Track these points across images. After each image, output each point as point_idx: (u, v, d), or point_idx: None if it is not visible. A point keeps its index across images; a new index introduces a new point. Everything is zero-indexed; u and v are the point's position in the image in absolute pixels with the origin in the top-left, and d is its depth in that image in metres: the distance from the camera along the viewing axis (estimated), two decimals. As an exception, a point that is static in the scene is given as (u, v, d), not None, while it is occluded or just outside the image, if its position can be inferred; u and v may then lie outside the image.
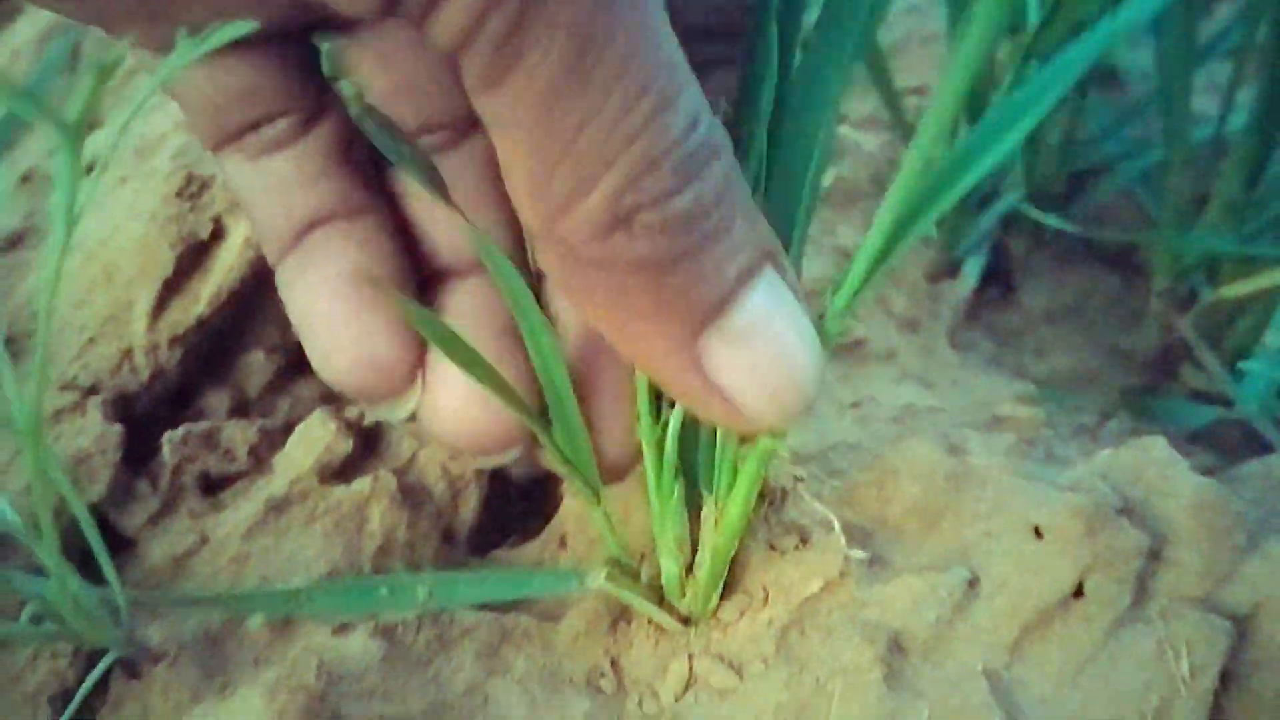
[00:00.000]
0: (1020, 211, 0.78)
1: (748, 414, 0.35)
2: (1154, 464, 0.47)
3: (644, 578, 0.44)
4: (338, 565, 0.45)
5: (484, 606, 0.44)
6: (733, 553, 0.42)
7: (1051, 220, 0.74)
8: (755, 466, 0.39)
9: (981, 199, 0.79)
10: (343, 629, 0.43)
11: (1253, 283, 0.68)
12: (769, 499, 0.46)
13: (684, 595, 0.43)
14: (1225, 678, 0.44)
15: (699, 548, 0.43)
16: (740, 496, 0.40)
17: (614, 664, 0.44)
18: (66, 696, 0.41)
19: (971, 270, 0.77)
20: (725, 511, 0.41)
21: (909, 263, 0.58)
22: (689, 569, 0.44)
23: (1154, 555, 0.45)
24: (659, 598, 0.44)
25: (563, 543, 0.48)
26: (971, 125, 0.37)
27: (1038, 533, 0.44)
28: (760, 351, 0.34)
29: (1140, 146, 0.80)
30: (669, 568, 0.42)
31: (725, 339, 0.34)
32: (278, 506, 0.46)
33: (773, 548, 0.45)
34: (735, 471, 0.40)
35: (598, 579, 0.42)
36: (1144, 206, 0.80)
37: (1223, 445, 0.69)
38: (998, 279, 0.80)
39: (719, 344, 0.34)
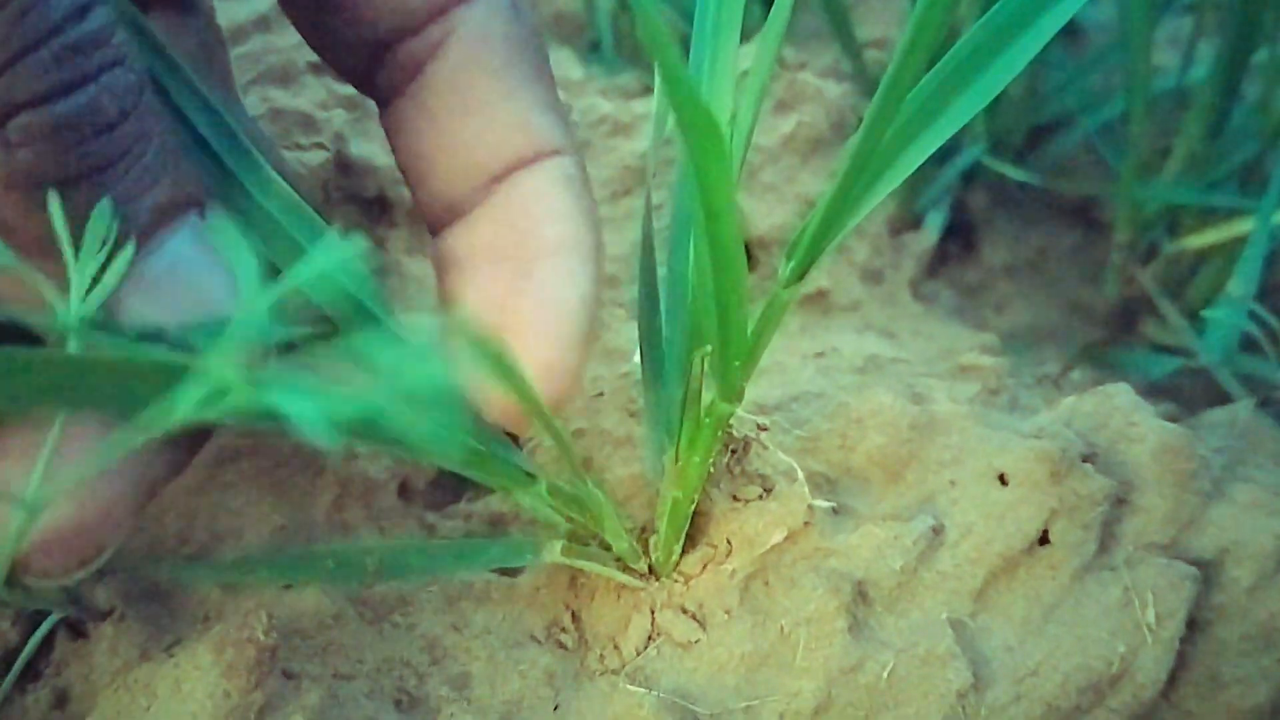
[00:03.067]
0: (981, 165, 0.78)
1: None
2: (1118, 410, 0.47)
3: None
4: (291, 518, 0.44)
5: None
6: (692, 507, 0.42)
7: (1012, 172, 0.74)
8: (714, 420, 0.38)
9: (942, 152, 0.79)
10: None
11: (1213, 233, 0.68)
12: (732, 449, 0.45)
13: (639, 556, 0.42)
14: (1191, 624, 0.44)
15: (660, 501, 0.42)
16: (700, 450, 0.39)
17: (575, 618, 0.44)
18: (9, 658, 0.39)
19: (933, 224, 0.76)
20: (684, 466, 0.40)
21: (871, 214, 0.57)
22: (650, 524, 0.43)
23: (1119, 501, 0.45)
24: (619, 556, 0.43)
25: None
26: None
27: (1002, 480, 0.44)
28: (184, 298, 0.31)
29: (1102, 98, 0.79)
30: (616, 539, 0.41)
31: (142, 285, 0.30)
32: (229, 458, 0.44)
33: (736, 498, 0.44)
34: (696, 425, 0.39)
35: (553, 552, 0.41)
36: (1105, 159, 0.80)
37: (1183, 397, 0.69)
38: (959, 233, 0.79)
39: (134, 290, 0.30)
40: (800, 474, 0.44)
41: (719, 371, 0.36)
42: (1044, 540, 0.43)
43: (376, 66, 0.38)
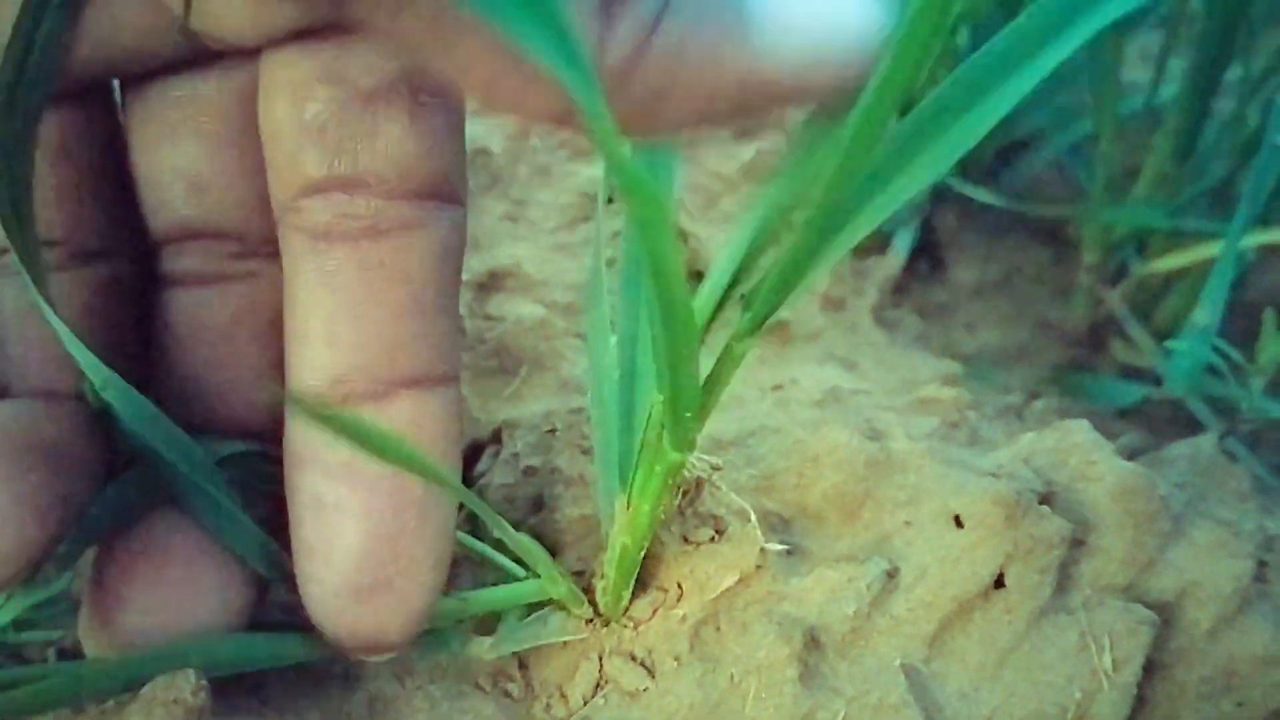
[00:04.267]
0: (949, 185, 0.77)
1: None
2: (1077, 448, 0.46)
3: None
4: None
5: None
6: (642, 554, 0.41)
7: (980, 194, 0.73)
8: (665, 469, 0.37)
9: (911, 171, 0.78)
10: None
11: (1182, 256, 0.67)
12: (684, 490, 0.44)
13: (589, 599, 0.42)
14: (1150, 666, 0.43)
15: (609, 547, 0.41)
16: (650, 498, 0.38)
17: (522, 665, 0.43)
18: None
19: (900, 245, 0.76)
20: (634, 513, 0.39)
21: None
22: (599, 568, 0.42)
23: (1077, 543, 0.44)
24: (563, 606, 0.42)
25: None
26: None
27: (958, 522, 0.43)
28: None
29: (1072, 116, 0.78)
30: (558, 585, 0.41)
31: None
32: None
33: (687, 540, 0.43)
34: (648, 473, 0.39)
35: (484, 648, 0.40)
36: (1075, 179, 0.79)
37: (1152, 422, 0.68)
38: (927, 254, 0.79)
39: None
40: (753, 516, 0.43)
41: (670, 423, 0.35)
42: (999, 584, 0.42)
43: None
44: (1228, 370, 0.52)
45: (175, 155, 0.37)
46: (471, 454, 0.49)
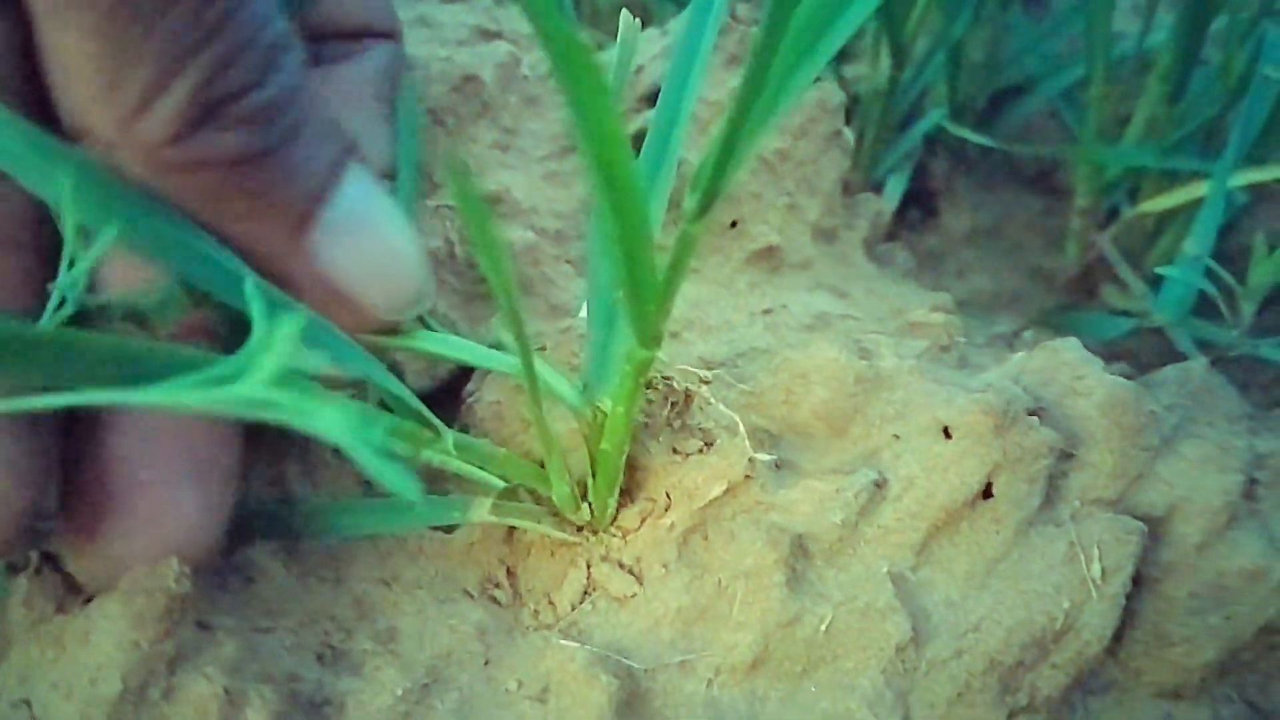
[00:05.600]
0: (943, 131, 0.77)
1: (365, 305, 0.36)
2: (1066, 365, 0.46)
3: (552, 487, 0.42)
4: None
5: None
6: (623, 459, 0.41)
7: (973, 137, 0.73)
8: (634, 367, 0.37)
9: (903, 117, 0.78)
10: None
11: (1172, 197, 0.67)
12: (672, 403, 0.44)
13: (578, 507, 0.41)
14: (1139, 580, 0.43)
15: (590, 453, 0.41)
16: (624, 400, 0.38)
17: (510, 573, 0.43)
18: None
19: (894, 190, 0.76)
20: (609, 418, 0.39)
21: (824, 170, 0.56)
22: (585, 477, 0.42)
23: (1066, 456, 0.44)
24: (555, 510, 0.42)
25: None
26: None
27: (946, 433, 0.43)
28: (366, 240, 0.36)
29: (1064, 63, 0.78)
30: (558, 483, 0.40)
31: (331, 231, 0.35)
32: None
33: (676, 452, 0.43)
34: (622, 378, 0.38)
35: (482, 511, 0.40)
36: (1067, 124, 0.79)
37: (1139, 359, 0.68)
38: (920, 200, 0.79)
39: (326, 236, 0.35)
40: (741, 428, 0.43)
41: (633, 317, 0.35)
42: (988, 494, 0.42)
43: None
44: (1220, 295, 0.52)
45: None
46: (463, 374, 0.48)
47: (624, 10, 0.48)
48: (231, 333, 0.36)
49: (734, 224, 0.54)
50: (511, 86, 0.57)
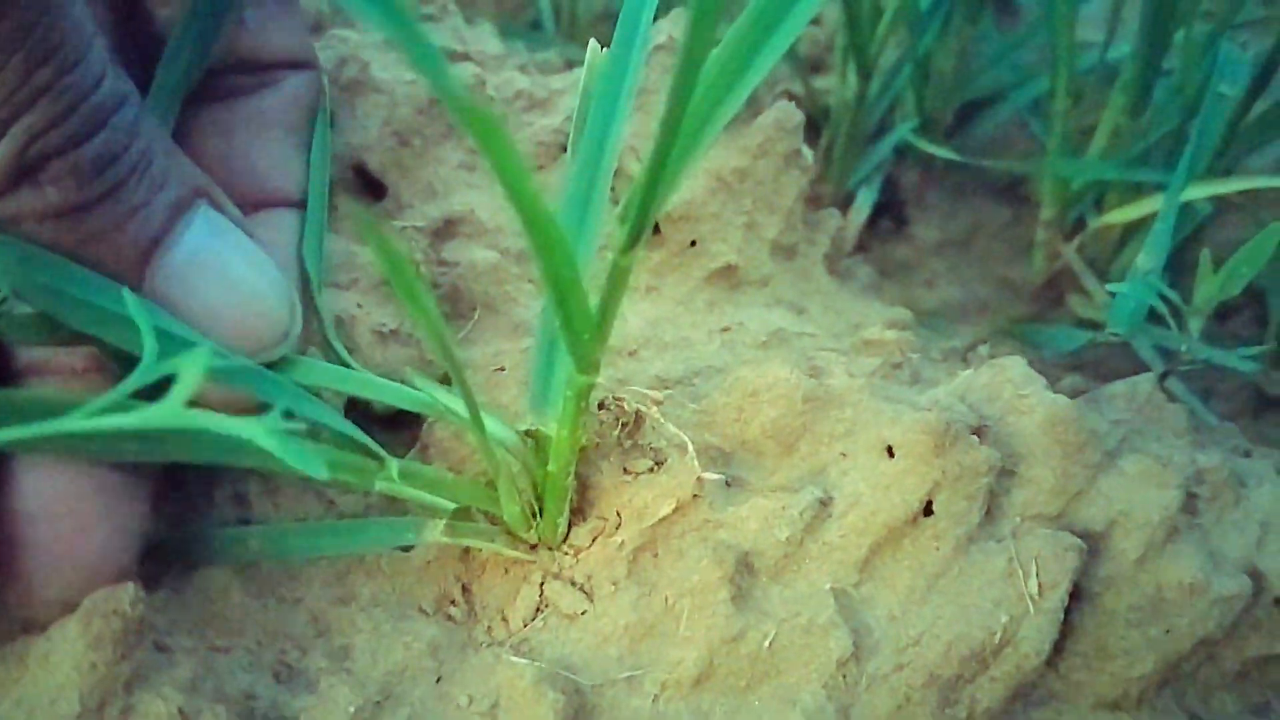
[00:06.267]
0: (912, 143, 0.78)
1: (222, 344, 0.37)
2: (1010, 383, 0.47)
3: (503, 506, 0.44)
4: (190, 492, 0.44)
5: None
6: (571, 479, 0.42)
7: (939, 151, 0.74)
8: (575, 393, 0.39)
9: (873, 130, 0.79)
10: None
11: (1134, 208, 0.68)
12: (623, 423, 0.45)
13: (530, 526, 0.43)
14: (1078, 594, 0.45)
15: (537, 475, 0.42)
16: (567, 424, 0.39)
17: (465, 590, 0.44)
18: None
19: (864, 201, 0.77)
20: (554, 442, 0.40)
21: (784, 188, 0.57)
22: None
23: (1008, 473, 0.45)
24: (509, 528, 0.43)
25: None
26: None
27: (890, 452, 0.44)
28: (211, 283, 0.37)
29: (1033, 73, 0.79)
30: (508, 505, 0.42)
31: (171, 274, 0.36)
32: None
33: (627, 471, 0.44)
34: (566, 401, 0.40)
35: (435, 532, 0.41)
36: (1034, 135, 0.80)
37: (1105, 368, 0.69)
38: (890, 210, 0.80)
39: (167, 280, 0.36)
40: (690, 447, 0.44)
41: (571, 347, 0.36)
42: (929, 511, 0.43)
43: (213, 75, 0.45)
44: (1168, 314, 0.53)
45: None
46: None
47: (591, 40, 0.49)
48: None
49: (693, 243, 0.55)
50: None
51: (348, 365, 0.45)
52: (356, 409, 0.50)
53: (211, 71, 0.44)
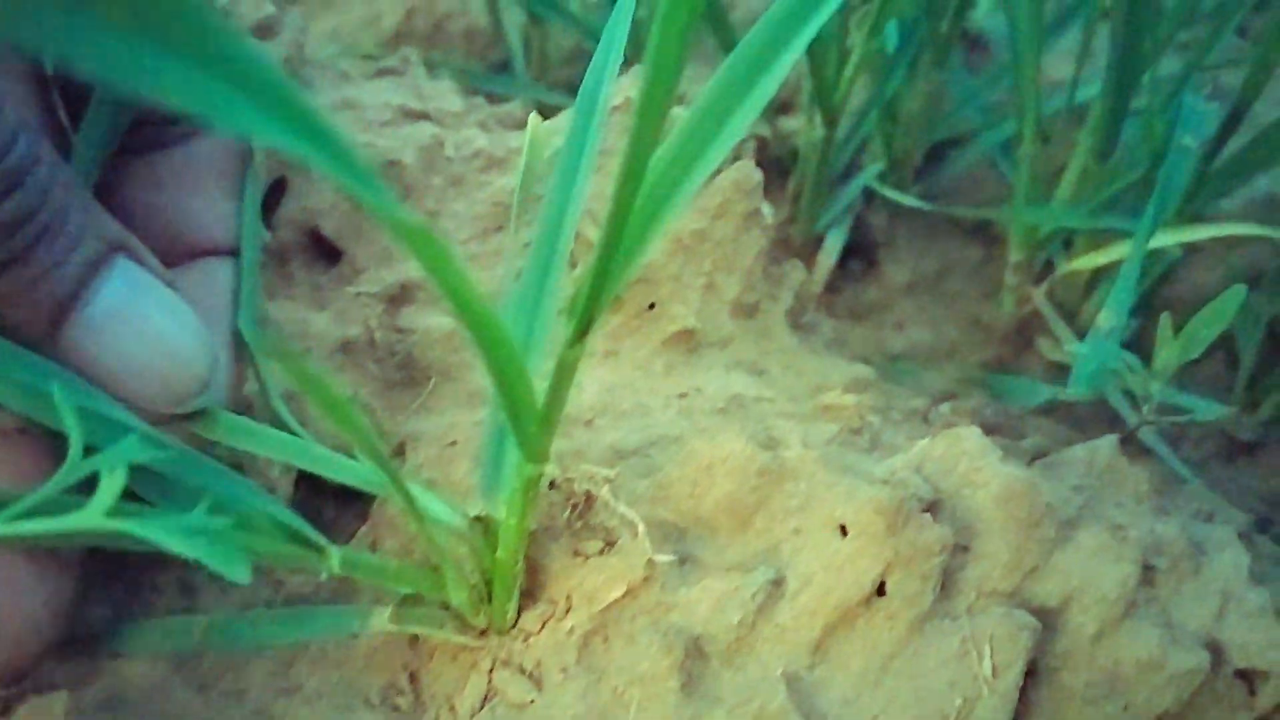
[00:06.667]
0: (882, 183, 0.78)
1: (138, 400, 0.37)
2: (966, 455, 0.47)
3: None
4: (134, 581, 0.43)
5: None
6: (520, 565, 0.41)
7: (907, 199, 0.74)
8: (524, 483, 0.38)
9: (843, 171, 0.79)
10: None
11: (1101, 255, 0.68)
12: (573, 504, 0.45)
13: (479, 612, 0.42)
14: (1035, 670, 0.44)
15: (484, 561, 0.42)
16: (515, 513, 0.39)
17: (413, 678, 0.43)
18: None
19: (834, 243, 0.77)
20: (503, 529, 0.40)
21: (743, 248, 0.56)
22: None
23: (962, 549, 0.45)
24: (459, 612, 0.43)
25: (374, 548, 0.47)
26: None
27: (843, 530, 0.44)
28: (128, 337, 0.37)
29: (1001, 114, 0.79)
30: (456, 592, 0.41)
31: (87, 329, 0.36)
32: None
33: (577, 554, 0.44)
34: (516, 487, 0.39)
35: (382, 620, 0.40)
36: (1005, 175, 0.80)
37: (1074, 414, 0.69)
38: (860, 252, 0.80)
39: (82, 335, 0.36)
40: (641, 528, 0.43)
41: (518, 439, 0.36)
42: (882, 591, 0.43)
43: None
44: (1129, 376, 0.53)
45: None
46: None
47: (532, 114, 0.48)
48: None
49: (652, 306, 0.55)
50: (435, 168, 0.58)
51: (297, 435, 0.44)
52: (309, 479, 0.49)
53: (139, 122, 0.44)
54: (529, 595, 0.44)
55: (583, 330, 0.35)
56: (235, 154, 0.47)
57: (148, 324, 0.38)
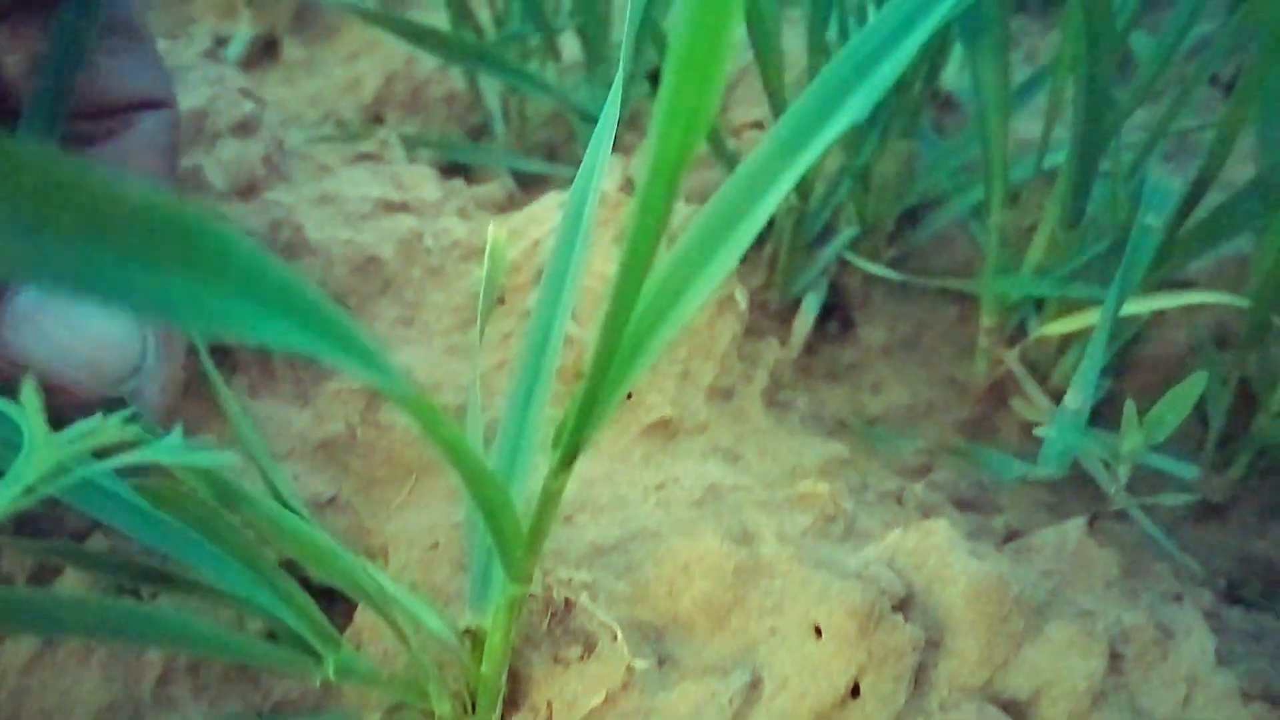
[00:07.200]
0: (857, 244, 0.79)
1: (70, 384, 0.38)
2: (935, 550, 0.48)
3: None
4: (116, 698, 0.44)
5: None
6: (503, 677, 0.42)
7: (876, 269, 0.75)
8: (507, 601, 0.39)
9: (819, 234, 0.80)
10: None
11: (1072, 321, 0.69)
12: (552, 612, 0.46)
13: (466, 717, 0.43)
14: (1008, 761, 0.45)
15: (469, 674, 0.42)
16: (499, 630, 0.40)
17: (395, 789, 0.44)
18: None
19: (810, 307, 0.78)
20: (487, 645, 0.41)
21: (718, 334, 0.58)
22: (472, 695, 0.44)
23: (933, 645, 0.46)
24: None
25: (359, 648, 0.48)
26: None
27: (818, 631, 0.45)
28: (56, 323, 0.38)
29: (973, 178, 0.80)
30: (441, 703, 0.42)
31: (19, 322, 0.38)
32: (53, 639, 0.45)
33: (557, 660, 0.45)
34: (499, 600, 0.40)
35: None
36: (978, 236, 0.81)
37: (1050, 483, 0.70)
38: (836, 313, 0.81)
39: (15, 329, 0.38)
40: (619, 634, 0.44)
41: (503, 561, 0.37)
42: (856, 693, 0.44)
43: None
44: (1098, 451, 0.54)
45: None
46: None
47: (491, 224, 0.49)
48: None
49: (629, 396, 0.56)
50: (414, 260, 0.59)
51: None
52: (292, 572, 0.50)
53: (72, 115, 0.44)
54: (511, 703, 0.45)
55: (567, 461, 0.36)
56: (161, 147, 0.47)
57: (71, 311, 0.39)
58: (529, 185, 0.85)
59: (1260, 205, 0.63)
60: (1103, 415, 0.75)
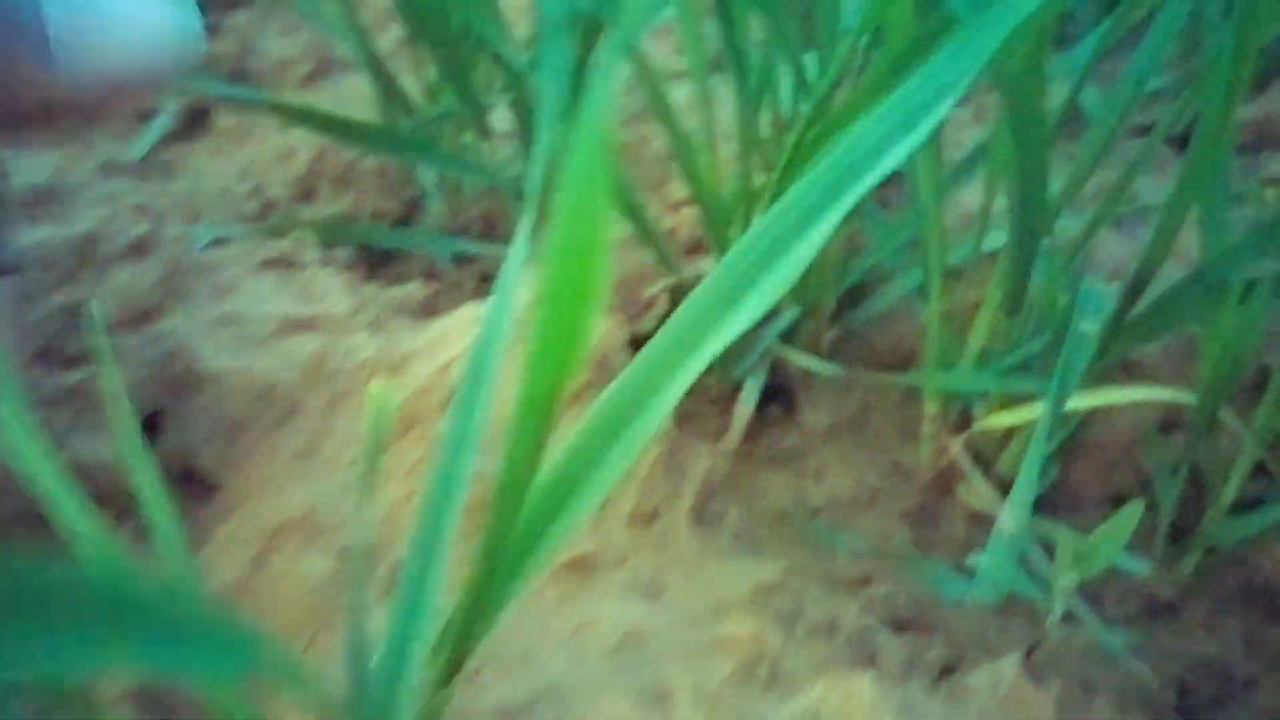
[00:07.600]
0: (799, 326, 0.76)
1: (133, 82, 0.38)
2: (859, 709, 0.45)
3: None
4: None
5: None
6: None
7: (813, 362, 0.73)
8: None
9: (759, 317, 0.77)
10: None
11: (1013, 415, 0.67)
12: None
13: None
14: None
15: None
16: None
17: None
18: None
19: (750, 393, 0.75)
20: None
21: (640, 459, 0.55)
22: None
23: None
24: None
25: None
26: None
27: (729, 815, 0.42)
28: (97, 27, 0.36)
29: (916, 253, 0.78)
30: None
31: (63, 45, 0.35)
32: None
33: None
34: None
35: None
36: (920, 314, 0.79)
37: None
38: (778, 396, 0.78)
39: (70, 58, 0.35)
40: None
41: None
42: None
43: None
44: (1033, 584, 0.52)
45: None
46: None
47: (372, 384, 0.47)
48: None
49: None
50: (318, 385, 0.56)
51: None
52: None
53: None
54: None
55: (453, 671, 0.34)
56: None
57: (104, 11, 0.36)
58: (464, 263, 0.82)
59: (1203, 300, 0.61)
60: (1051, 503, 0.73)
